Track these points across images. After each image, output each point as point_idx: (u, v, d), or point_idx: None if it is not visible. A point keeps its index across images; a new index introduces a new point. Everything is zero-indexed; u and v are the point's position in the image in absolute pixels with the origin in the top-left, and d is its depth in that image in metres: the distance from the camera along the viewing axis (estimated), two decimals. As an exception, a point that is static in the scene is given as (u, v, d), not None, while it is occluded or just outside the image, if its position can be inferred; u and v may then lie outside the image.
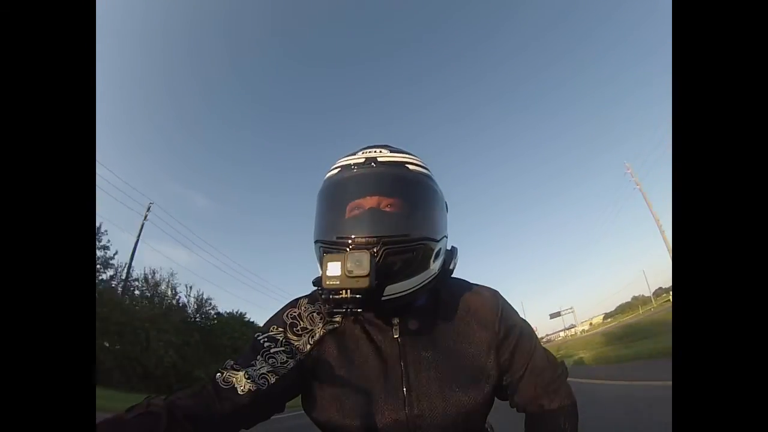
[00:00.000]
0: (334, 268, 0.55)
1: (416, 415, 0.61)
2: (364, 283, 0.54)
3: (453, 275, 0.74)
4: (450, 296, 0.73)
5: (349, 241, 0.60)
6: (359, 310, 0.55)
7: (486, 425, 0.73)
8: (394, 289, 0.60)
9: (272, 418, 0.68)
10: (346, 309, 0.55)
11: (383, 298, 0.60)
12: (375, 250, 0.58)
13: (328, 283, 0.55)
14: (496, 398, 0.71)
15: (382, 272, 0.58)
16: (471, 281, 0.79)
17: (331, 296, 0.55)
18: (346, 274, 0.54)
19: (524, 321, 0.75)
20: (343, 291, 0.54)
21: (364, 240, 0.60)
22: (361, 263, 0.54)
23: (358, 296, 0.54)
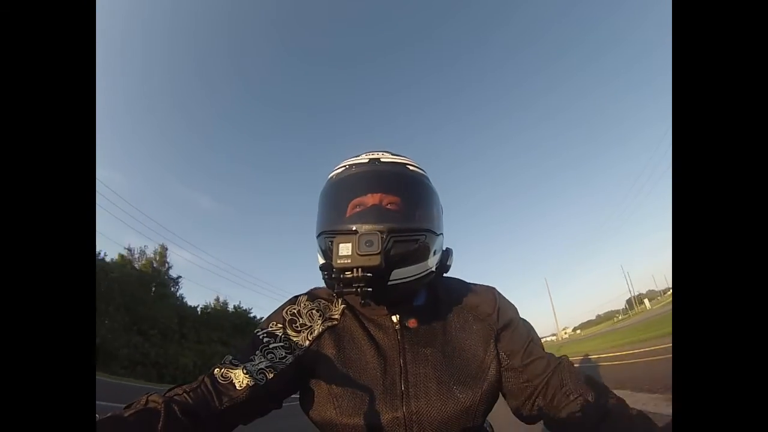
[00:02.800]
0: (345, 249, 0.58)
1: (414, 412, 0.61)
2: (374, 261, 0.56)
3: (448, 276, 0.76)
4: (447, 294, 0.74)
5: (360, 229, 0.62)
6: (369, 289, 0.57)
7: (485, 424, 0.72)
8: (400, 274, 0.62)
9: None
10: (357, 288, 0.57)
11: (390, 283, 0.62)
12: (383, 236, 0.60)
13: (339, 262, 0.57)
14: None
15: (389, 258, 0.60)
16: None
17: (342, 276, 0.57)
18: (358, 253, 0.57)
19: (522, 319, 0.75)
20: (354, 270, 0.56)
21: (371, 227, 0.62)
22: (372, 243, 0.57)
23: (369, 275, 0.56)
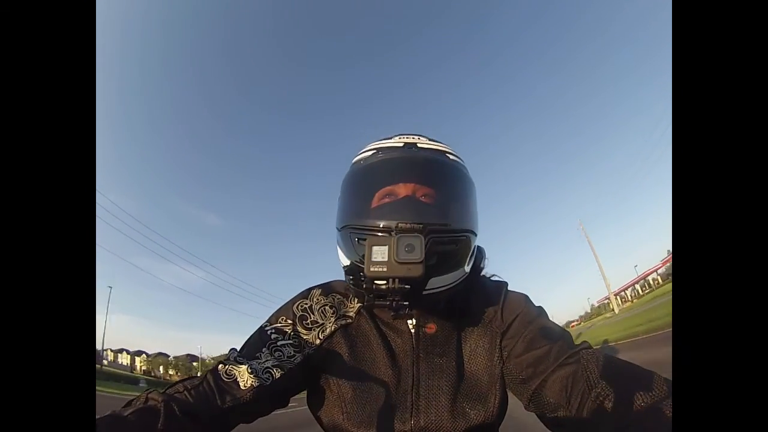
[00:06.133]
0: (380, 254, 0.49)
1: (422, 427, 0.57)
2: (416, 271, 0.48)
3: None
4: (463, 297, 0.67)
5: (393, 228, 0.55)
6: (406, 303, 0.50)
7: None
8: (436, 283, 0.55)
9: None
10: (391, 302, 0.50)
11: (425, 292, 0.55)
12: (424, 239, 0.52)
13: (372, 269, 0.49)
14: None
15: (428, 263, 0.52)
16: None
17: (374, 285, 0.50)
18: (396, 260, 0.48)
19: (534, 305, 0.66)
20: (390, 280, 0.49)
21: (410, 226, 0.54)
22: (413, 249, 0.48)
23: (407, 286, 0.49)
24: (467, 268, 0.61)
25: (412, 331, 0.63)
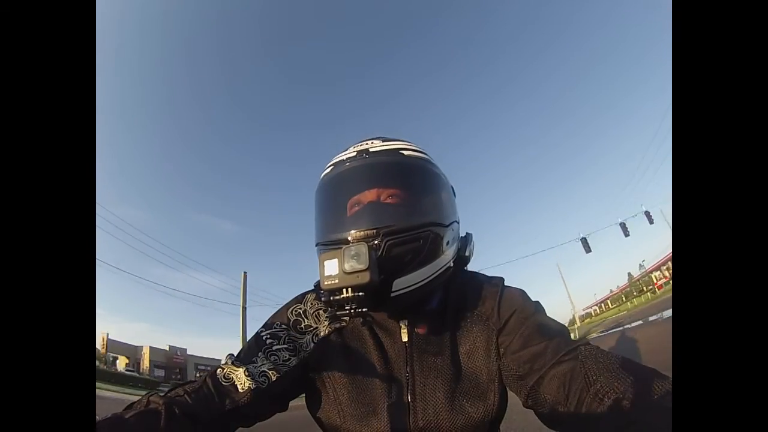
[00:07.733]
0: (331, 267, 0.52)
1: (420, 426, 0.57)
2: (363, 278, 0.50)
3: (463, 270, 0.69)
4: (458, 295, 0.67)
5: (348, 238, 0.57)
6: (364, 309, 0.52)
7: None
8: (403, 283, 0.56)
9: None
10: (350, 310, 0.52)
11: (393, 294, 0.56)
12: (376, 242, 0.55)
13: (326, 283, 0.52)
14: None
15: (388, 266, 0.54)
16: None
17: (331, 298, 0.52)
18: (344, 271, 0.50)
19: (531, 301, 0.65)
20: (344, 290, 0.51)
21: (362, 234, 0.56)
22: (358, 257, 0.50)
23: (360, 294, 0.50)
24: (445, 260, 0.61)
25: (405, 331, 0.63)
